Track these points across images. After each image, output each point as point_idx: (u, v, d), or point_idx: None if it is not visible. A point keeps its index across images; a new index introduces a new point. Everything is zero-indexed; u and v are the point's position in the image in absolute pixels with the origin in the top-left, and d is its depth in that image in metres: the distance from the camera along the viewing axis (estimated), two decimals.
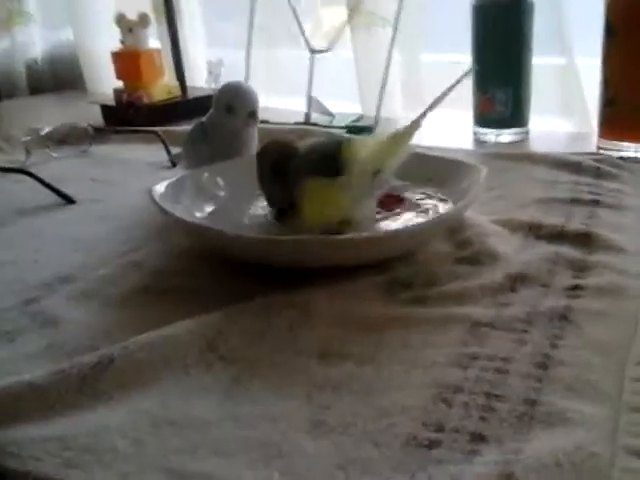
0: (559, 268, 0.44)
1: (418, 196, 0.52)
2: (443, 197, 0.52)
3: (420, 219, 0.48)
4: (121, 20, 0.87)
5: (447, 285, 0.43)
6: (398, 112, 0.93)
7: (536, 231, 0.50)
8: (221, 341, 0.36)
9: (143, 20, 0.87)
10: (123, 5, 0.98)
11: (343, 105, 0.91)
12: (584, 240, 0.48)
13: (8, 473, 0.28)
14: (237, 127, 0.56)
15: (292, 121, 0.85)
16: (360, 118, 0.89)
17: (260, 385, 0.33)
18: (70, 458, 0.28)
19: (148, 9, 0.97)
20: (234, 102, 0.55)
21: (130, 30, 0.86)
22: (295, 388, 0.33)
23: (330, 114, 0.90)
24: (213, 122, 0.56)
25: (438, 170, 0.54)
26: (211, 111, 0.57)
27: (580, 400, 0.31)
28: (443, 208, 0.50)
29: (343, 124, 0.85)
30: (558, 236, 0.49)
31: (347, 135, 0.79)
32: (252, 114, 0.55)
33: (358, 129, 0.83)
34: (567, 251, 0.46)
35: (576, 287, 0.41)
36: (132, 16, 0.88)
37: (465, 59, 0.91)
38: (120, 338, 0.37)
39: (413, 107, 0.95)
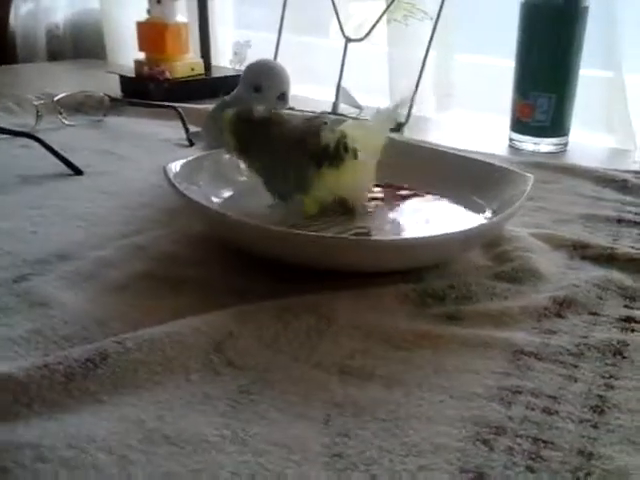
0: (609, 295, 0.40)
1: (451, 200, 0.48)
2: (480, 202, 0.47)
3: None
4: None
5: (484, 303, 0.38)
6: (428, 110, 0.89)
7: (582, 251, 0.45)
8: (230, 343, 0.32)
9: None
10: None
11: (370, 98, 0.87)
12: (635, 266, 0.43)
13: None
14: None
15: (318, 110, 0.81)
16: None
17: (272, 400, 0.29)
18: (43, 472, 0.24)
19: None
20: (263, 81, 0.50)
21: (159, 1, 0.82)
22: (312, 408, 0.28)
23: (359, 106, 0.85)
24: (238, 101, 0.52)
25: (479, 175, 0.49)
26: (237, 89, 0.53)
27: None
28: (482, 216, 0.46)
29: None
30: (607, 259, 0.44)
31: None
32: (282, 96, 0.50)
33: None
34: (617, 277, 0.41)
35: (629, 319, 0.37)
36: None
37: (498, 62, 0.88)
38: (115, 329, 0.33)
39: (444, 107, 0.91)
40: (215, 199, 0.45)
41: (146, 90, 0.82)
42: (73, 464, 0.24)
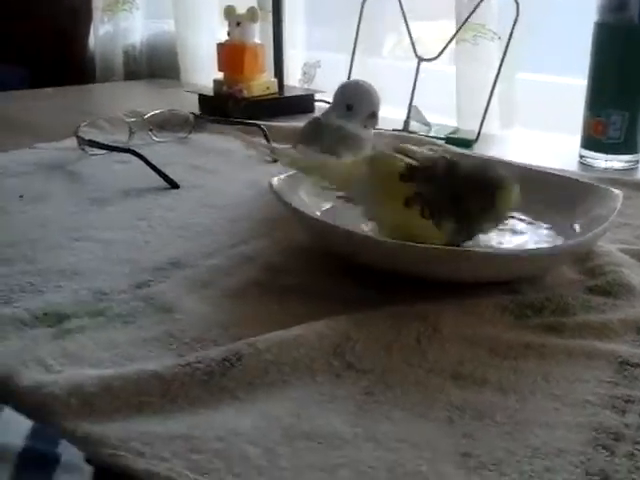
0: None
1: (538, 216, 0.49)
2: (568, 218, 0.48)
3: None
4: (230, 13, 0.86)
5: (582, 315, 0.39)
6: (494, 129, 0.89)
7: None
8: (348, 348, 0.34)
9: (252, 14, 0.86)
10: (228, 1, 0.97)
11: (436, 117, 0.89)
12: None
13: (129, 471, 0.26)
14: (355, 127, 0.53)
15: (390, 128, 0.83)
16: (456, 131, 0.86)
17: (394, 401, 0.31)
18: (198, 462, 0.26)
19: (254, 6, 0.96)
20: (355, 101, 0.53)
21: (238, 24, 0.85)
22: (433, 410, 0.30)
23: (428, 124, 0.87)
24: (330, 120, 0.54)
25: (565, 190, 0.50)
26: (328, 108, 0.55)
27: None
28: (572, 232, 0.47)
29: (442, 135, 0.82)
30: None
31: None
32: (373, 115, 0.52)
33: (458, 141, 0.80)
34: None
35: None
36: (240, 10, 0.88)
37: (563, 81, 0.88)
38: (238, 333, 0.35)
39: (508, 124, 0.92)
40: (316, 212, 0.47)
41: (224, 108, 0.85)
42: (225, 455, 0.26)
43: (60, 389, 0.29)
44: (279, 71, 0.95)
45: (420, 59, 0.84)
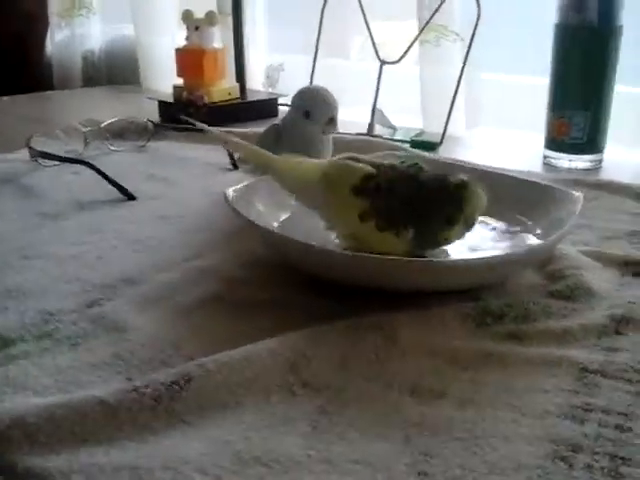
0: None
1: (499, 219, 0.49)
2: (527, 222, 0.48)
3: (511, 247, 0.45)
4: (188, 17, 0.85)
5: (543, 321, 0.39)
6: (459, 130, 0.89)
7: (633, 268, 0.46)
8: (304, 364, 0.33)
9: (210, 19, 0.85)
10: (187, 4, 0.96)
11: (401, 118, 0.88)
12: None
13: None
14: (314, 133, 0.52)
15: (353, 132, 0.82)
16: (421, 133, 0.86)
17: (349, 420, 0.30)
18: None
19: (213, 9, 0.95)
20: (312, 107, 0.52)
21: (197, 28, 0.84)
22: (390, 428, 0.29)
23: (392, 127, 0.87)
24: (288, 126, 0.53)
25: (526, 194, 0.50)
26: (286, 115, 0.54)
27: None
28: (532, 236, 0.46)
29: (407, 138, 0.82)
30: None
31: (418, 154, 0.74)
32: (331, 120, 0.52)
33: (422, 144, 0.80)
34: None
35: None
36: (199, 14, 0.86)
37: (527, 80, 0.89)
38: (191, 352, 0.34)
39: (474, 125, 0.92)
40: (274, 222, 0.46)
41: (185, 115, 0.84)
42: None
43: (0, 421, 0.28)
44: (240, 75, 0.94)
45: (383, 62, 0.84)
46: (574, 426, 0.30)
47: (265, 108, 0.93)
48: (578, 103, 0.71)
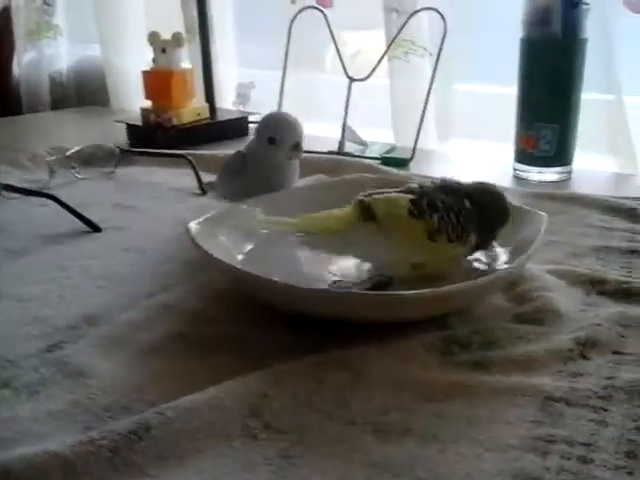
0: (630, 332, 0.40)
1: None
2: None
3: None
4: (155, 39, 0.84)
5: (509, 348, 0.39)
6: (431, 143, 0.90)
7: (598, 286, 0.46)
8: (265, 406, 0.32)
9: (177, 40, 0.84)
10: (154, 24, 0.95)
11: (372, 132, 0.88)
12: None
13: None
14: (279, 159, 0.52)
15: (324, 149, 0.82)
16: (393, 149, 0.86)
17: (312, 463, 0.29)
18: None
19: (180, 29, 0.94)
20: (277, 134, 0.51)
21: (163, 50, 0.84)
22: (352, 470, 0.29)
23: (363, 143, 0.87)
24: (253, 153, 0.53)
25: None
26: (251, 141, 0.54)
27: None
28: (499, 257, 0.47)
29: (377, 155, 0.82)
30: (624, 293, 0.45)
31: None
32: (296, 146, 0.51)
33: (393, 160, 0.80)
34: (636, 312, 0.42)
35: None
36: (165, 35, 0.86)
37: (500, 91, 0.89)
38: (154, 395, 0.33)
39: (446, 138, 0.92)
40: (237, 253, 0.46)
41: (153, 138, 0.83)
42: None
43: None
44: (210, 95, 0.94)
45: (351, 79, 0.84)
46: (536, 459, 0.30)
47: (235, 127, 0.93)
48: (545, 117, 0.71)
